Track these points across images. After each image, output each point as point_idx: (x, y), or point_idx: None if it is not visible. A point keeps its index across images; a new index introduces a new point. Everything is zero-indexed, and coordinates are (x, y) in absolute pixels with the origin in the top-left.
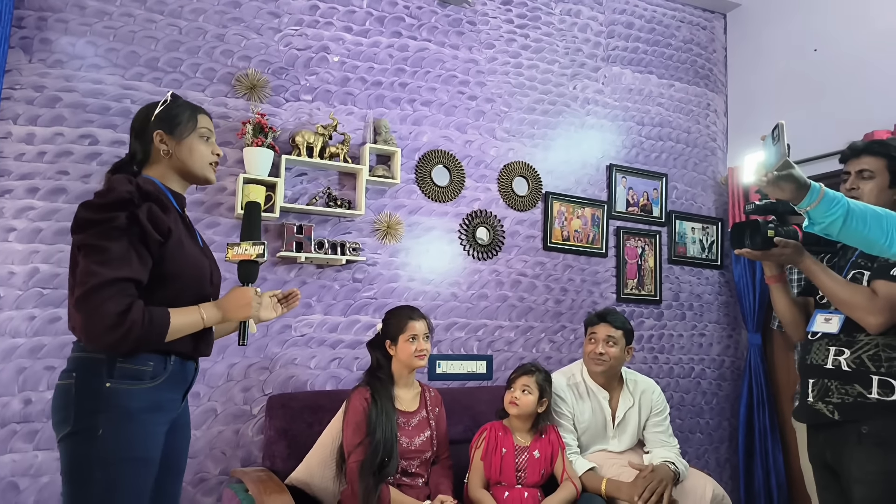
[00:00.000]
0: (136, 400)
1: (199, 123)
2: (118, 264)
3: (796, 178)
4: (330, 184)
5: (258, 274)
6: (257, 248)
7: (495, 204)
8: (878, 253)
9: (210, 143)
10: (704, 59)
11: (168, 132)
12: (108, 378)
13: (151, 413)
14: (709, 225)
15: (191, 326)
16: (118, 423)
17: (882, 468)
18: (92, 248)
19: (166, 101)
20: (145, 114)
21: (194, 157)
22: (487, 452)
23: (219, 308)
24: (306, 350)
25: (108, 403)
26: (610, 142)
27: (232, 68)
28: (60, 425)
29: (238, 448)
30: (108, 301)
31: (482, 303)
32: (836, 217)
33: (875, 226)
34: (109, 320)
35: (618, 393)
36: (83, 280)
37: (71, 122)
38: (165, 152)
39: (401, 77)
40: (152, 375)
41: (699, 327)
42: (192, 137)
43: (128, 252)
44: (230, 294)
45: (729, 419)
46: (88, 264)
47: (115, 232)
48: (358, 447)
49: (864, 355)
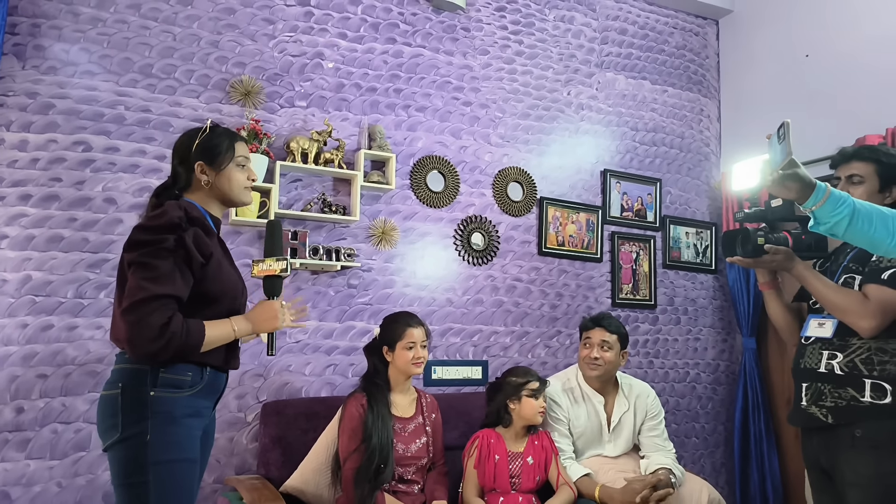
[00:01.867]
0: (179, 406)
1: (237, 152)
2: (164, 281)
3: (802, 177)
4: (325, 190)
5: (283, 287)
6: (281, 264)
7: (490, 209)
8: (883, 253)
9: (246, 169)
10: (697, 64)
11: (209, 163)
12: (152, 387)
13: (192, 418)
14: (703, 229)
15: (224, 338)
16: (165, 428)
17: (876, 471)
18: (142, 265)
19: (205, 131)
20: (188, 143)
21: (232, 186)
22: (480, 460)
23: (248, 321)
24: (301, 357)
25: (154, 410)
26: (604, 147)
27: (226, 75)
28: (109, 432)
29: (232, 456)
30: (153, 314)
31: (477, 308)
32: (842, 217)
33: (881, 225)
34: (153, 332)
35: (613, 397)
36: (132, 293)
37: (64, 129)
38: (206, 182)
39: (395, 83)
40: (191, 384)
41: (694, 332)
42: (231, 167)
43: (173, 271)
44: (258, 308)
45: (724, 423)
46: (138, 280)
47: (164, 252)
48: (353, 453)
49: (857, 359)
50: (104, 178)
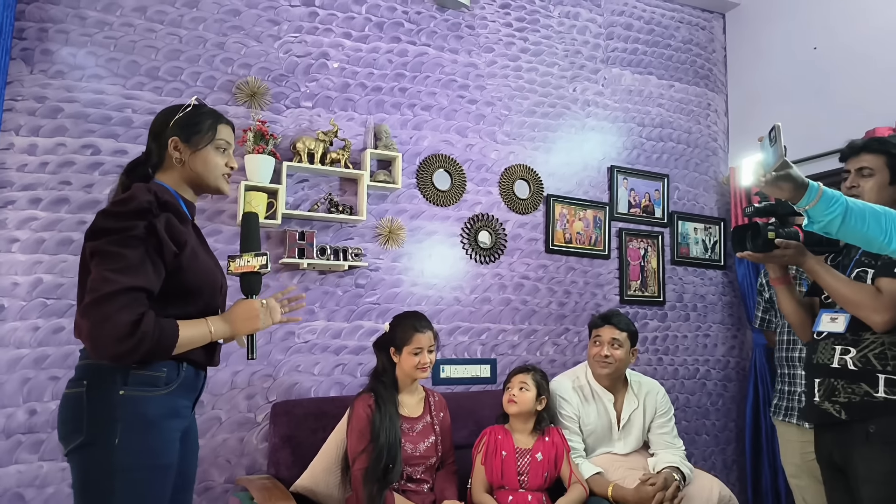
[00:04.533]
0: (154, 407)
1: (219, 134)
2: (133, 273)
3: (794, 177)
4: (331, 190)
5: (262, 285)
6: (260, 259)
7: (497, 207)
8: (876, 250)
9: (226, 154)
10: (704, 59)
11: (184, 140)
12: (122, 385)
13: (169, 419)
14: (711, 225)
15: (199, 340)
16: (137, 431)
17: (890, 467)
18: (107, 254)
19: (189, 107)
20: (165, 117)
21: (208, 169)
22: (488, 456)
23: (226, 322)
24: (310, 357)
25: (125, 411)
26: (611, 143)
27: (232, 76)
28: (71, 435)
29: (243, 456)
30: (121, 310)
31: (485, 306)
32: (834, 215)
33: (874, 223)
34: (121, 330)
35: (622, 395)
36: (95, 287)
37: (73, 133)
38: (178, 160)
39: (401, 82)
40: (166, 381)
41: (703, 328)
42: (209, 149)
43: (143, 261)
44: (237, 307)
45: (735, 420)
46: (102, 271)
47: (133, 241)
48: (362, 454)
49: (871, 354)
50: (113, 181)
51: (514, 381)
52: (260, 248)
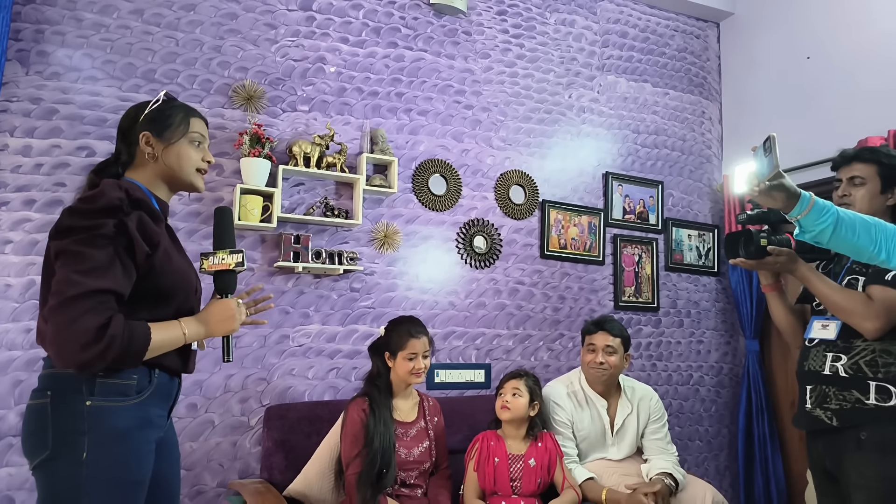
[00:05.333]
0: (124, 418)
1: (192, 128)
2: (100, 274)
3: (787, 187)
4: (327, 193)
5: (237, 284)
6: (235, 257)
7: (492, 212)
8: (866, 260)
9: (201, 148)
10: (698, 67)
11: (156, 135)
12: (88, 396)
13: (141, 430)
14: (705, 232)
15: (172, 343)
16: (106, 445)
17: (881, 474)
18: (73, 255)
19: (159, 101)
20: (134, 113)
21: (182, 163)
22: (480, 462)
23: (201, 323)
24: (304, 360)
25: (93, 423)
26: (606, 150)
27: (229, 79)
28: (36, 449)
29: (235, 460)
30: (86, 314)
31: (480, 311)
32: (826, 225)
33: (864, 234)
34: (87, 336)
35: (616, 400)
36: (60, 289)
37: (68, 134)
38: (151, 156)
39: (397, 87)
40: (138, 390)
41: (697, 334)
42: (182, 142)
43: (112, 262)
44: (211, 307)
45: (728, 426)
46: (67, 273)
47: (101, 240)
48: (356, 458)
49: (862, 361)
50: None
51: (507, 386)
52: (235, 245)
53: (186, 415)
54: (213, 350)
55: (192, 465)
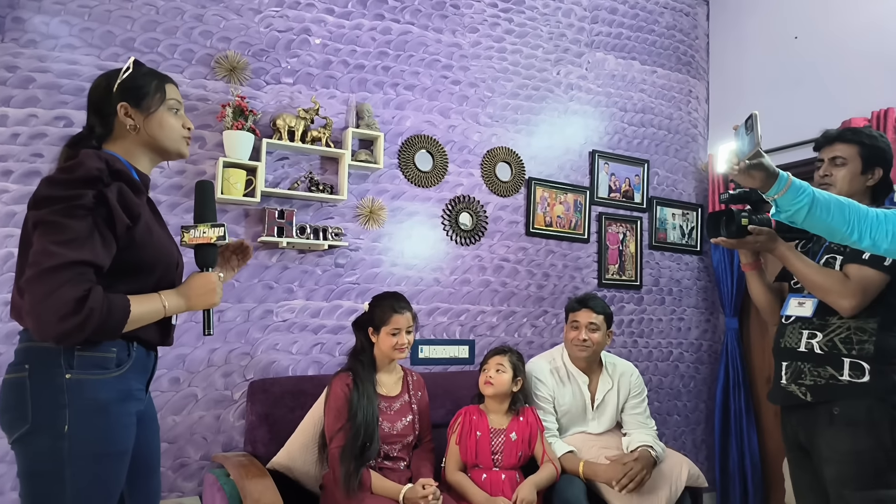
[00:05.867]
0: (104, 391)
1: (168, 94)
2: (79, 246)
3: (766, 166)
4: (312, 168)
5: (218, 258)
6: (217, 231)
7: (478, 189)
8: (839, 241)
9: (180, 115)
10: (687, 45)
11: (134, 105)
12: (67, 369)
13: (122, 403)
14: (689, 211)
15: (151, 316)
16: (88, 417)
17: (852, 448)
18: (51, 225)
19: (129, 69)
20: (105, 84)
21: (165, 132)
22: (462, 436)
23: (181, 296)
24: (288, 335)
25: (73, 396)
26: (593, 128)
27: (211, 50)
28: (15, 423)
29: (219, 433)
30: (64, 285)
31: (465, 288)
32: (801, 205)
33: (838, 215)
34: (66, 307)
35: (597, 376)
36: (37, 260)
37: (45, 104)
38: (132, 127)
39: (384, 60)
40: (117, 363)
41: (678, 312)
42: (162, 110)
43: (91, 234)
44: (192, 281)
45: (706, 401)
46: (45, 244)
47: (80, 210)
48: (339, 432)
49: (837, 338)
50: None
51: (491, 362)
52: (216, 218)
53: (169, 388)
54: (195, 324)
55: (176, 438)
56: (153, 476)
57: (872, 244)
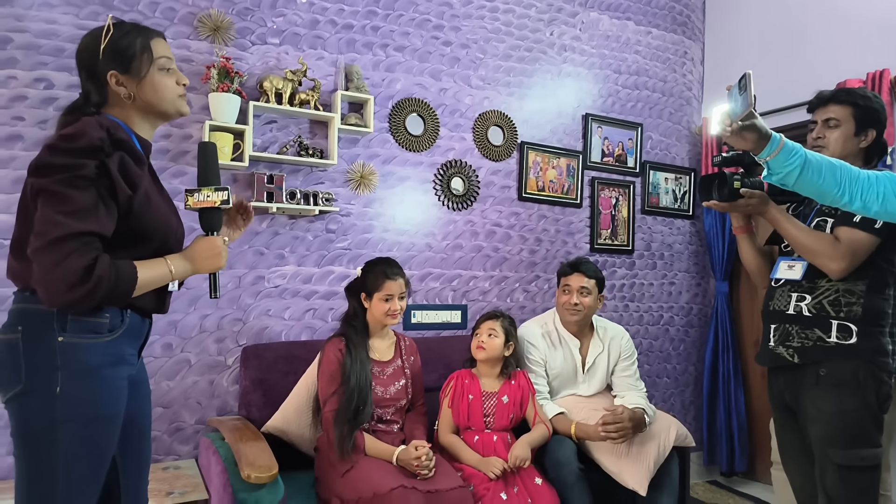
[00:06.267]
0: (97, 354)
1: (156, 52)
2: (85, 217)
3: (759, 127)
4: (301, 132)
5: (222, 221)
6: (220, 195)
7: (470, 154)
8: (830, 203)
9: (172, 72)
10: (682, 5)
11: (123, 71)
12: (60, 332)
13: (113, 367)
14: (682, 175)
15: (158, 280)
16: (80, 380)
17: (837, 408)
18: (56, 195)
19: (109, 30)
20: (92, 49)
21: (160, 94)
22: (455, 399)
23: (187, 260)
24: (280, 301)
25: (66, 359)
26: (586, 91)
27: (193, 8)
28: (9, 384)
29: (213, 398)
30: (72, 255)
31: (457, 253)
32: (793, 167)
33: (829, 176)
34: (75, 276)
35: (588, 340)
36: (45, 230)
37: (24, 65)
38: (126, 96)
39: (372, 20)
40: (110, 328)
41: (669, 276)
42: (153, 72)
43: (95, 205)
44: (197, 244)
45: (695, 364)
46: (52, 213)
47: (83, 181)
48: (332, 396)
49: (825, 301)
50: None
51: (483, 327)
52: (220, 181)
53: (162, 354)
54: (187, 290)
55: (170, 402)
56: (144, 439)
57: (863, 206)
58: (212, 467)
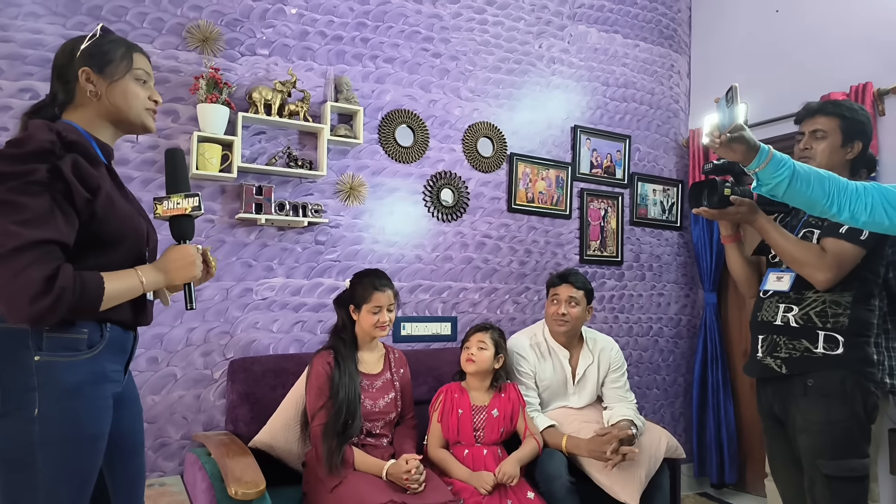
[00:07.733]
0: (76, 373)
1: (135, 63)
2: (40, 224)
3: (747, 139)
4: (290, 143)
5: (194, 229)
6: (191, 201)
7: (460, 165)
8: (819, 214)
9: (147, 87)
10: (669, 18)
11: (97, 71)
12: (36, 351)
13: (95, 386)
14: (669, 187)
15: (128, 292)
16: (58, 401)
17: (825, 418)
18: (7, 204)
19: (95, 35)
20: (70, 48)
21: (130, 102)
22: (444, 414)
23: (159, 270)
24: (268, 314)
25: (43, 379)
26: (575, 103)
27: (182, 18)
28: None
29: (200, 413)
30: (30, 266)
31: (447, 265)
32: (782, 178)
33: (818, 187)
34: (35, 287)
35: (578, 351)
36: None
37: (9, 75)
38: (93, 93)
39: (362, 32)
40: (89, 344)
41: (658, 287)
42: (127, 79)
43: (51, 210)
44: (170, 254)
45: (684, 375)
46: (5, 224)
47: (35, 187)
48: (321, 410)
49: (812, 312)
50: None
51: (473, 339)
52: (189, 188)
53: (147, 368)
54: (173, 303)
55: (155, 417)
56: (136, 457)
57: (851, 217)
58: (197, 483)
